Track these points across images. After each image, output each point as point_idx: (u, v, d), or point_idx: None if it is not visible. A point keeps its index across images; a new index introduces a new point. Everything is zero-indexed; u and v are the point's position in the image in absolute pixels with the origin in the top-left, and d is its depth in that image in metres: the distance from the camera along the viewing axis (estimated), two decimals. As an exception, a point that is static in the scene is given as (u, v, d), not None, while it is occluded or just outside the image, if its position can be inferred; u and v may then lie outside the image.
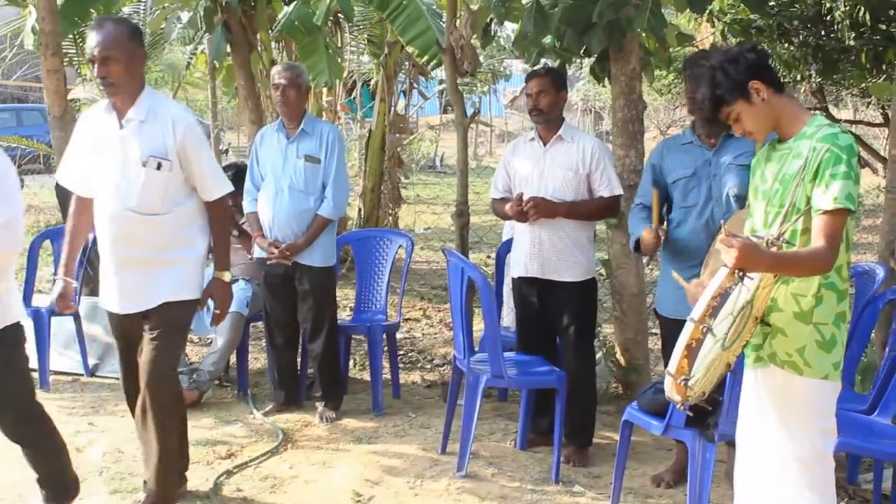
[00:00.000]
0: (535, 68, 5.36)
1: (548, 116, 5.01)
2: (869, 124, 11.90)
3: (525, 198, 4.90)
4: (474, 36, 6.07)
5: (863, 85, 8.62)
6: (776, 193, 3.11)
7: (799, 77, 8.24)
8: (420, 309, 8.80)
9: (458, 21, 6.00)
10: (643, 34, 5.71)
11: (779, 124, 3.12)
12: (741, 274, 2.77)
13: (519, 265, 5.12)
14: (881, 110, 10.53)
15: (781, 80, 3.19)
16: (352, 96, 14.59)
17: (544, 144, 5.06)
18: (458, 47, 5.95)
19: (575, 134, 5.12)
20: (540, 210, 4.86)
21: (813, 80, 8.43)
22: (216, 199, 4.17)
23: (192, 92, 20.98)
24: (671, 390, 2.93)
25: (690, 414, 3.06)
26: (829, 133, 2.99)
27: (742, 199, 4.14)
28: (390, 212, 10.81)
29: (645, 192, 4.64)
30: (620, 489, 4.31)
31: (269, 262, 5.50)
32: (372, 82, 14.24)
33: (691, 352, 2.82)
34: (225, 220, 4.31)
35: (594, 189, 5.02)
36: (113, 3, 7.50)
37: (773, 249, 2.86)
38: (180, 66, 14.06)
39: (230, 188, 4.22)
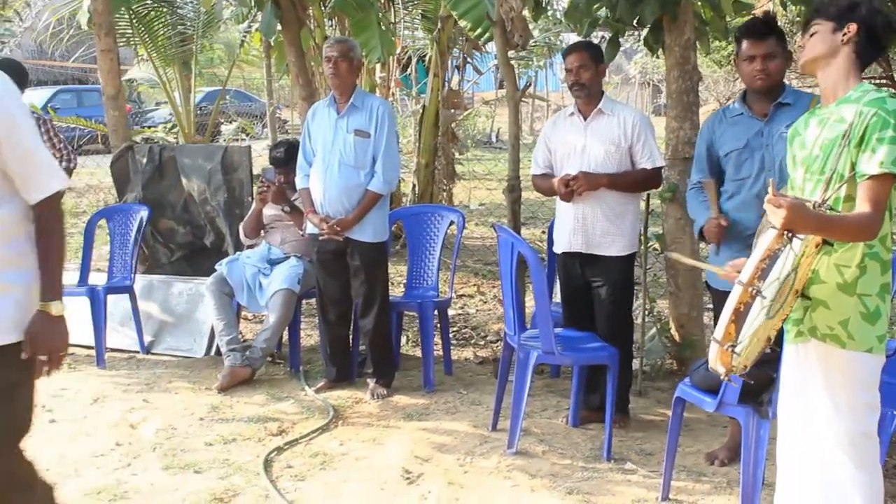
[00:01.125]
0: (573, 43, 5.32)
1: (589, 90, 5.01)
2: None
3: (570, 175, 4.92)
4: (525, 8, 5.97)
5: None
6: (815, 159, 3.04)
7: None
8: (474, 285, 8.76)
9: (508, -7, 5.90)
10: (698, 3, 5.58)
11: (831, 76, 3.05)
12: (790, 235, 2.69)
13: (563, 241, 5.11)
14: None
15: (869, 58, 3.11)
16: (407, 72, 14.55)
17: (585, 119, 5.04)
18: (508, 20, 5.86)
19: (615, 107, 5.08)
20: (585, 183, 4.88)
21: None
22: (44, 198, 2.86)
23: (248, 70, 21.15)
24: (716, 359, 2.84)
25: (735, 385, 2.97)
26: (876, 97, 2.91)
27: None
28: (444, 188, 10.76)
29: (700, 167, 4.55)
30: (672, 466, 4.23)
31: (320, 238, 5.50)
32: (426, 58, 14.22)
33: (739, 316, 2.74)
34: (55, 228, 2.90)
35: (636, 161, 5.01)
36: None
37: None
38: (235, 45, 14.13)
39: (63, 183, 2.92)
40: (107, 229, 6.96)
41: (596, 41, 6.62)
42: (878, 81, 8.13)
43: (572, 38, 22.06)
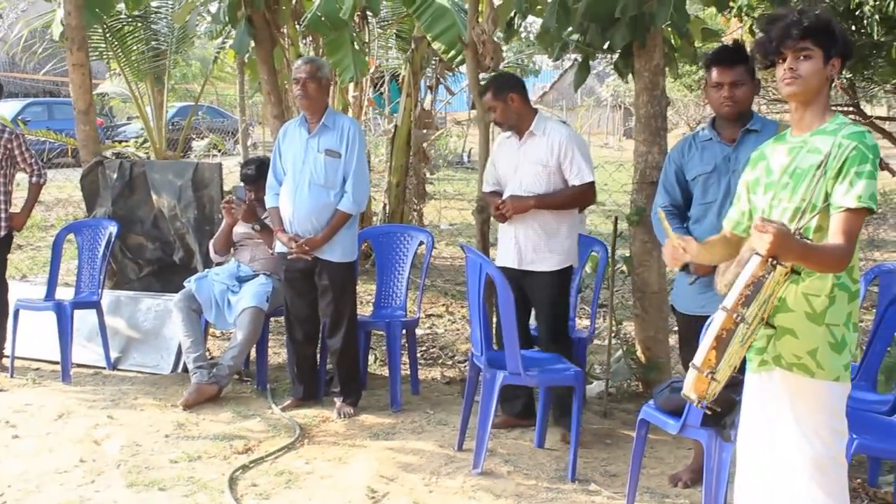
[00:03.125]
0: (483, 83, 5.53)
1: (508, 124, 5.20)
2: (887, 119, 11.75)
3: (505, 195, 5.16)
4: (497, 31, 6.03)
5: (894, 81, 8.51)
6: (784, 186, 3.05)
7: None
8: (443, 305, 8.78)
9: (480, 16, 5.96)
10: (667, 29, 5.65)
11: (812, 106, 3.06)
12: (774, 262, 2.71)
13: (500, 257, 5.28)
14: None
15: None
16: (379, 91, 14.57)
17: (519, 139, 5.21)
18: (480, 42, 5.92)
19: (547, 127, 5.21)
20: (511, 208, 5.07)
21: (843, 76, 8.33)
22: None
23: (222, 87, 21.09)
24: (691, 386, 2.85)
25: (708, 412, 3.01)
26: (855, 131, 2.94)
27: None
28: (415, 207, 10.79)
29: (666, 190, 4.61)
30: (636, 488, 4.26)
31: (289, 257, 5.51)
32: (400, 77, 14.25)
33: (721, 343, 2.75)
34: None
35: (567, 179, 5.14)
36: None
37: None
38: (209, 61, 14.13)
39: None
40: (75, 244, 6.93)
41: (568, 64, 6.70)
42: (843, 110, 8.26)
43: (546, 60, 22.22)
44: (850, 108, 8.72)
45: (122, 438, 5.12)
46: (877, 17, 7.01)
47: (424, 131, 10.86)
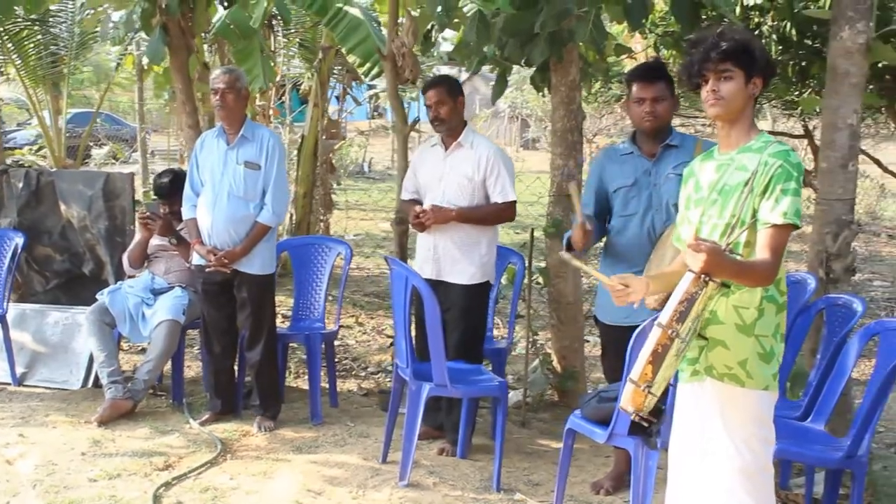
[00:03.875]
0: (432, 78, 5.56)
1: (448, 124, 5.17)
2: (790, 136, 12.18)
3: (426, 205, 5.12)
4: (416, 44, 6.07)
5: (785, 98, 8.82)
6: (713, 203, 3.17)
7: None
8: (352, 316, 8.75)
9: (399, 29, 5.99)
10: (581, 45, 5.77)
11: (737, 125, 3.16)
12: (706, 279, 2.80)
13: (417, 267, 5.22)
14: (802, 122, 10.82)
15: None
16: (281, 100, 14.46)
17: (446, 150, 5.20)
18: (399, 55, 5.94)
19: (475, 140, 5.23)
20: (433, 218, 5.05)
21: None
22: None
23: (117, 93, 20.65)
24: (629, 399, 2.93)
25: (645, 424, 3.10)
26: (780, 150, 3.06)
27: None
28: (322, 218, 10.74)
29: (587, 201, 4.69)
30: (563, 497, 4.33)
31: (207, 270, 5.43)
32: (302, 87, 14.16)
33: (657, 357, 2.84)
34: None
35: (490, 195, 5.16)
36: (38, 2, 7.28)
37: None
38: (106, 67, 13.81)
39: None
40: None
41: (465, 76, 6.79)
42: (771, 130, 8.54)
43: (447, 71, 22.30)
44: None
45: (35, 457, 4.96)
46: (774, 36, 7.31)
47: (331, 141, 10.85)
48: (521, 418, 5.72)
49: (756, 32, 7.52)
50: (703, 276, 2.81)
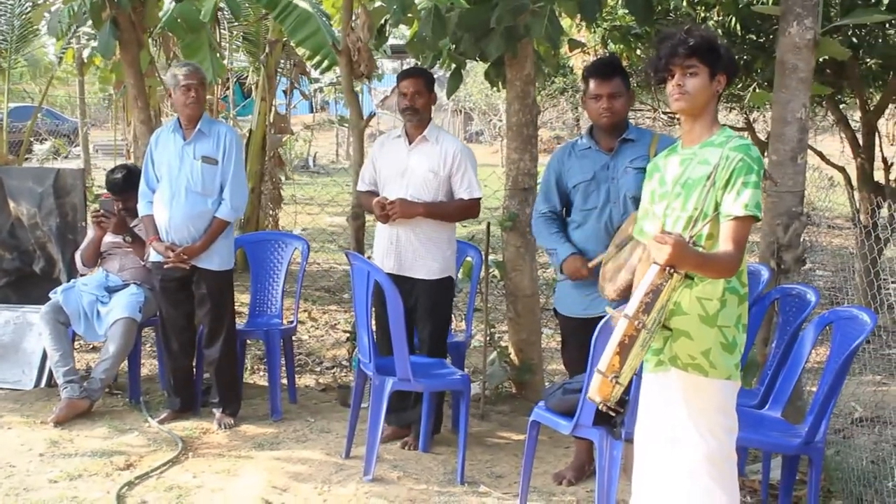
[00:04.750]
0: (410, 68, 5.50)
1: (421, 116, 5.14)
2: (732, 128, 12.37)
3: (389, 197, 5.06)
4: (371, 39, 6.06)
5: (728, 91, 8.98)
6: (676, 196, 3.24)
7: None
8: (305, 311, 8.72)
9: (354, 24, 5.98)
10: (535, 40, 5.81)
11: (700, 120, 3.25)
12: (671, 271, 2.86)
13: (377, 261, 5.20)
14: (744, 115, 11.02)
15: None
16: (225, 95, 14.35)
17: (410, 143, 5.18)
18: (355, 50, 5.94)
19: (440, 135, 5.23)
20: (400, 211, 5.00)
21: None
22: None
23: (55, 86, 20.26)
24: (596, 390, 2.98)
25: (613, 414, 3.16)
26: (741, 143, 3.15)
27: (638, 201, 4.28)
28: (270, 213, 10.69)
29: (547, 198, 4.74)
30: (528, 488, 4.38)
31: (165, 266, 5.38)
32: (247, 81, 14.06)
33: (623, 348, 2.90)
34: None
35: (454, 191, 5.16)
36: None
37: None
38: (44, 61, 13.57)
39: None
40: None
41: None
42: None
43: (387, 64, 22.30)
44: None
45: (-8, 460, 4.90)
46: (719, 31, 7.44)
47: (279, 136, 10.80)
48: (480, 411, 5.75)
49: (702, 26, 7.65)
50: (668, 268, 2.87)
